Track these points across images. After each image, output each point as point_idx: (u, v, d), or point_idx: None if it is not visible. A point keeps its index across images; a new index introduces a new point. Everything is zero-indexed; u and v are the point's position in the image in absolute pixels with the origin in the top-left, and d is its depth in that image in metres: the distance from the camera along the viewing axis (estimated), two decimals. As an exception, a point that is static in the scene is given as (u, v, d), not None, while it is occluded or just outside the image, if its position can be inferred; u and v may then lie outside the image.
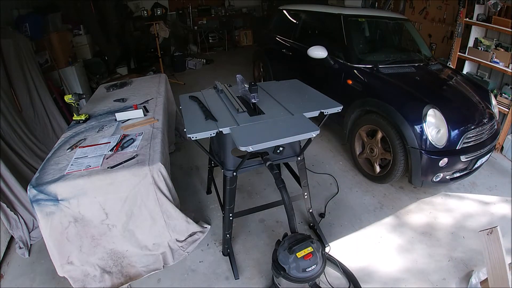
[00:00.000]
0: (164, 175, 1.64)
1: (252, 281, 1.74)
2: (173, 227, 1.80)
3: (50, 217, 1.52)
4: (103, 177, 1.53)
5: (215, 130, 1.41)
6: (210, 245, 1.98)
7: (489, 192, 2.39)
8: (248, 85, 1.59)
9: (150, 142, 1.78)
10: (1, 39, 2.63)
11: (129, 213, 1.66)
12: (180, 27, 6.97)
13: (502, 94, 2.84)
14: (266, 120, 1.50)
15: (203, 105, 1.65)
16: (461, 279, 1.73)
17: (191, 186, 2.57)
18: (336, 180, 2.53)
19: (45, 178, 1.52)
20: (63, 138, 1.92)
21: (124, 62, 5.60)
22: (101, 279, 1.70)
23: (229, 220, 1.74)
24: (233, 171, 1.61)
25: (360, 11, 2.97)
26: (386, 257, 1.88)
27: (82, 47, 4.59)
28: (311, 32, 3.41)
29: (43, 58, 3.50)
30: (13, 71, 2.74)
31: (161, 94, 2.51)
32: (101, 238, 1.67)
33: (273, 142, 1.31)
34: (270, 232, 2.07)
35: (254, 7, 8.10)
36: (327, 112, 1.59)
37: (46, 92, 3.10)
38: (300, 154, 1.72)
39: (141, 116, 2.10)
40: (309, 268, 1.33)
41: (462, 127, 2.09)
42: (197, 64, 6.20)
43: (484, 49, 2.93)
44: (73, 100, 2.08)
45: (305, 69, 3.21)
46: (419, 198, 2.35)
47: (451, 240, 1.98)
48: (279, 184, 1.42)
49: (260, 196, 2.42)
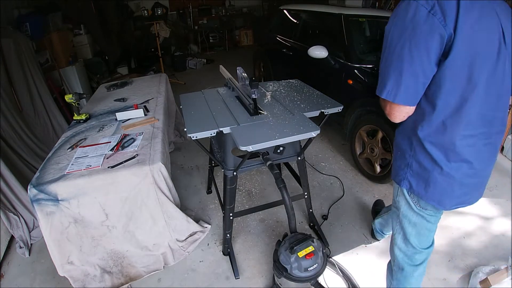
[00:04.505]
0: (165, 175, 1.64)
1: (253, 280, 1.74)
2: (173, 227, 1.80)
3: (51, 217, 1.52)
4: (103, 177, 1.53)
5: (215, 130, 1.41)
6: (210, 244, 1.98)
7: (489, 192, 2.39)
8: (248, 81, 1.59)
9: (151, 142, 1.78)
10: (2, 39, 2.63)
11: (129, 213, 1.66)
12: (180, 27, 6.98)
13: (502, 94, 2.84)
14: (266, 120, 1.50)
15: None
16: (461, 279, 1.73)
17: (192, 185, 2.57)
18: (342, 183, 2.51)
19: (45, 178, 1.52)
20: (63, 137, 1.92)
21: (124, 61, 5.61)
22: (101, 279, 1.70)
23: (229, 219, 1.74)
24: (233, 171, 1.61)
25: (361, 11, 2.96)
26: (386, 257, 1.87)
27: (82, 46, 4.60)
28: (311, 32, 3.40)
29: (44, 57, 3.50)
30: (14, 71, 2.74)
31: (161, 93, 2.51)
32: (101, 238, 1.68)
33: (273, 142, 1.31)
34: (270, 231, 2.07)
35: (254, 7, 8.10)
36: (328, 112, 1.59)
37: (46, 91, 3.10)
38: (301, 154, 1.72)
39: (142, 116, 2.10)
40: (311, 267, 1.33)
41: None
42: (198, 64, 6.21)
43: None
44: (74, 99, 2.08)
45: (305, 69, 3.21)
46: (419, 198, 2.34)
47: (451, 240, 1.98)
48: (279, 184, 1.42)
49: (260, 195, 2.42)
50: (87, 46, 4.66)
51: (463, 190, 1.07)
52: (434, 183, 1.05)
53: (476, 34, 0.84)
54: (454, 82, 0.89)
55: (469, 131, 0.97)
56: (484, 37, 0.86)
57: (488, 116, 0.97)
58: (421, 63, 0.88)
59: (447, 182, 1.03)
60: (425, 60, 0.87)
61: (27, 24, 3.38)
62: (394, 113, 1.00)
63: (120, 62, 5.50)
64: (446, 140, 0.98)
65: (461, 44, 0.83)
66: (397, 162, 1.17)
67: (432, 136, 1.00)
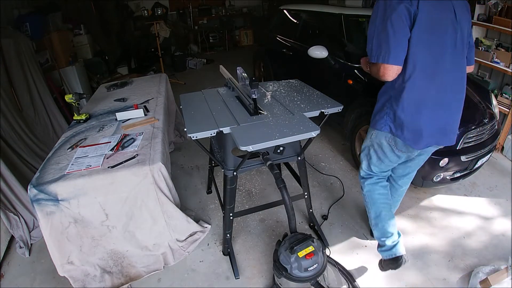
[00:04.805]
0: (165, 175, 1.64)
1: (253, 280, 1.75)
2: (173, 227, 1.80)
3: (51, 217, 1.52)
4: (103, 177, 1.53)
5: (215, 130, 1.41)
6: (210, 244, 1.98)
7: (489, 192, 2.39)
8: (248, 81, 1.59)
9: (151, 142, 1.78)
10: (2, 39, 2.63)
11: (130, 213, 1.66)
12: (180, 27, 6.98)
13: (502, 94, 2.84)
14: (266, 120, 1.50)
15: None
16: (461, 279, 1.73)
17: (192, 185, 2.57)
18: (343, 184, 2.51)
19: (45, 178, 1.52)
20: (63, 137, 1.92)
21: (124, 61, 5.61)
22: (101, 279, 1.70)
23: (229, 219, 1.74)
24: (233, 171, 1.61)
25: (361, 11, 2.96)
26: (387, 257, 1.87)
27: (82, 46, 4.59)
28: (311, 32, 3.40)
29: (44, 57, 3.50)
30: (14, 71, 2.74)
31: (161, 93, 2.51)
32: (101, 238, 1.67)
33: (273, 142, 1.31)
34: (270, 231, 2.07)
35: (254, 7, 8.10)
36: (328, 112, 1.59)
37: (46, 91, 3.10)
38: (301, 154, 1.72)
39: (142, 116, 2.10)
40: (311, 267, 1.33)
41: (463, 127, 2.08)
42: (198, 64, 6.21)
43: (485, 49, 2.92)
44: (74, 99, 2.08)
45: (305, 69, 3.21)
46: (419, 198, 2.35)
47: (451, 240, 1.98)
48: (279, 184, 1.42)
49: (260, 195, 2.42)
50: (87, 46, 4.66)
51: (430, 134, 1.39)
52: (407, 127, 1.38)
53: (432, 11, 1.24)
54: (419, 45, 1.26)
55: (432, 85, 1.31)
56: (438, 13, 1.26)
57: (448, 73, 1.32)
58: (400, 31, 1.24)
59: (417, 127, 1.37)
60: (403, 28, 1.24)
61: (27, 24, 3.38)
62: (387, 73, 1.30)
63: (120, 62, 5.50)
64: (415, 93, 1.32)
65: (422, 17, 1.22)
66: (379, 113, 1.49)
67: (403, 91, 1.33)
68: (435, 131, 1.39)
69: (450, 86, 1.34)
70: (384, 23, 1.26)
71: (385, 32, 1.26)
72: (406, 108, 1.35)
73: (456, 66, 1.34)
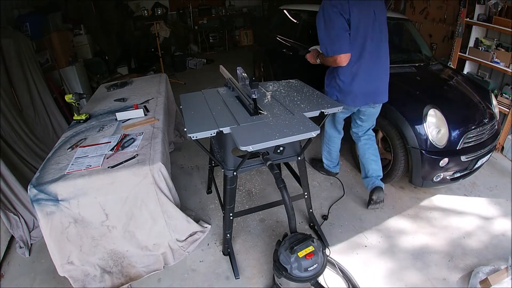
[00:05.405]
0: (165, 175, 1.64)
1: (253, 280, 1.75)
2: (173, 227, 1.80)
3: (51, 217, 1.52)
4: (103, 177, 1.53)
5: (215, 130, 1.41)
6: (210, 244, 1.98)
7: (489, 192, 2.39)
8: (248, 81, 1.59)
9: (151, 142, 1.78)
10: (2, 39, 2.63)
11: (129, 214, 1.66)
12: (180, 27, 6.97)
13: (502, 94, 2.84)
14: (266, 120, 1.50)
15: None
16: (461, 279, 1.73)
17: (192, 185, 2.57)
18: (343, 184, 2.51)
19: (45, 178, 1.52)
20: (63, 137, 1.92)
21: (124, 61, 5.60)
22: (101, 279, 1.70)
23: (229, 219, 1.74)
24: (233, 171, 1.61)
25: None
26: (386, 257, 1.87)
27: (82, 46, 4.59)
28: (311, 32, 3.40)
29: (44, 57, 3.50)
30: (14, 71, 2.74)
31: (161, 93, 2.51)
32: (101, 239, 1.67)
33: (273, 142, 1.31)
34: (270, 231, 2.07)
35: (254, 7, 8.10)
36: (328, 112, 1.59)
37: (46, 91, 3.10)
38: (301, 154, 1.72)
39: (142, 116, 2.10)
40: (311, 267, 1.33)
41: (463, 127, 2.08)
42: (198, 64, 6.20)
43: (485, 49, 2.92)
44: (74, 99, 2.08)
45: (305, 68, 3.20)
46: (419, 198, 2.35)
47: (451, 240, 1.98)
48: (279, 184, 1.42)
49: (260, 195, 2.42)
50: (87, 46, 4.66)
51: (363, 95, 1.94)
52: (348, 93, 1.93)
53: (359, 15, 1.75)
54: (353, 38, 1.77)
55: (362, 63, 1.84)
56: (363, 15, 1.76)
57: (373, 52, 1.85)
58: (342, 30, 1.74)
59: (354, 92, 1.92)
60: (343, 29, 1.74)
61: (27, 24, 3.37)
62: (342, 60, 1.79)
63: (120, 62, 5.49)
64: (352, 70, 1.86)
65: (353, 20, 1.74)
66: (329, 87, 2.02)
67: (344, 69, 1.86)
68: (368, 93, 1.93)
69: (375, 62, 1.88)
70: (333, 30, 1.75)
71: (333, 32, 1.75)
72: (345, 80, 1.90)
73: (379, 48, 1.87)
